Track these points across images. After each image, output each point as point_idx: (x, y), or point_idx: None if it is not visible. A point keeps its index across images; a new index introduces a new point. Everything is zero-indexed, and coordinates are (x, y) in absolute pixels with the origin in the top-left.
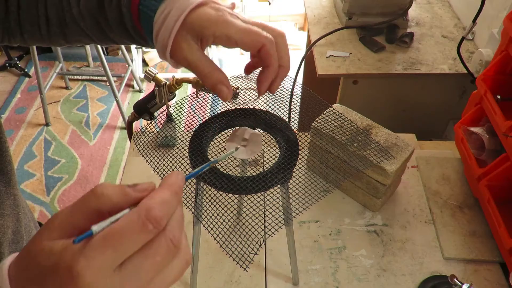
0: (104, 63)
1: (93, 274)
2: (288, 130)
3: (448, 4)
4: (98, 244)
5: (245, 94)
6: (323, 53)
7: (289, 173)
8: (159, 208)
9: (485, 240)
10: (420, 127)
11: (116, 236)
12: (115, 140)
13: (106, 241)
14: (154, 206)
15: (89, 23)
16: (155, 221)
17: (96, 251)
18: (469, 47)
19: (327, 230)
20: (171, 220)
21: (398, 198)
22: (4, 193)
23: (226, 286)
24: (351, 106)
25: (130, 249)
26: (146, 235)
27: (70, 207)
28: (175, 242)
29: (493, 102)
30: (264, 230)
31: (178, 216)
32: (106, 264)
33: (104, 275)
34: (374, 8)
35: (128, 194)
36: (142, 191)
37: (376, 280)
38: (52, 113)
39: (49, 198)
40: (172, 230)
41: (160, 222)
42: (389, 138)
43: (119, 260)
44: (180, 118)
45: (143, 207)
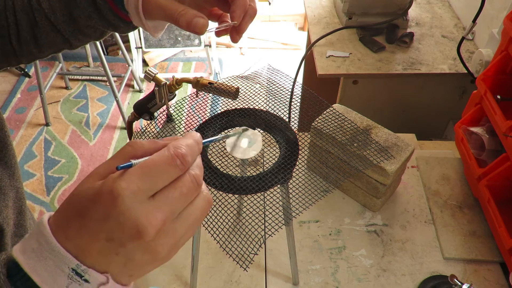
0: (104, 63)
1: (131, 197)
2: (288, 130)
3: (448, 4)
4: (136, 171)
5: (245, 94)
6: (323, 53)
7: (289, 173)
8: (185, 148)
9: (485, 240)
10: (420, 127)
11: (151, 165)
12: (115, 140)
13: (143, 169)
14: (181, 146)
15: (59, 16)
16: (182, 157)
17: (134, 177)
18: (469, 47)
19: (327, 230)
20: (194, 163)
21: (398, 198)
22: (8, 185)
23: (226, 286)
24: (351, 106)
25: (162, 179)
26: (174, 169)
27: (108, 159)
28: (198, 180)
29: (493, 102)
30: (264, 230)
31: (199, 162)
32: (143, 189)
33: (141, 200)
34: (374, 8)
35: (157, 142)
36: (169, 140)
37: (376, 280)
38: (52, 113)
39: (49, 198)
40: (195, 169)
41: (186, 158)
42: (389, 138)
43: (153, 188)
44: (180, 118)
45: (172, 145)
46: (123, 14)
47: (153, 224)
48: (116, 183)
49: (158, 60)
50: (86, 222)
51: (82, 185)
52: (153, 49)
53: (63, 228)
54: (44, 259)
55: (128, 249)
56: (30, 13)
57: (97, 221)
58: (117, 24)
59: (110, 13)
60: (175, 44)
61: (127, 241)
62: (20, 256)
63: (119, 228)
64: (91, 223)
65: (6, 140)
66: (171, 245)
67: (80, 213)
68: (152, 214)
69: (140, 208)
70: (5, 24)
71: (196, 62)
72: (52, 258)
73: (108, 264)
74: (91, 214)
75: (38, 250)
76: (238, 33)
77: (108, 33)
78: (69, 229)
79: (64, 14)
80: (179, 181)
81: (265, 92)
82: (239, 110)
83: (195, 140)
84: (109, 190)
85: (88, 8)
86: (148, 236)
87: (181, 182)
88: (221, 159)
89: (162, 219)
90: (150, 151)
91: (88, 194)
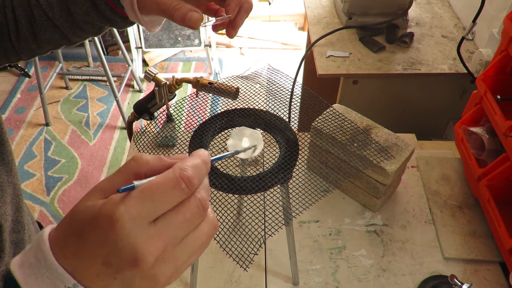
0: (104, 63)
1: (131, 223)
2: (288, 130)
3: (448, 4)
4: (137, 195)
5: (245, 94)
6: (323, 53)
7: (289, 173)
8: (191, 169)
9: (485, 240)
10: (420, 127)
11: (153, 188)
12: (115, 140)
13: (144, 193)
14: (187, 168)
15: (57, 12)
16: (187, 180)
17: (135, 201)
18: (469, 47)
19: (327, 230)
20: (201, 185)
21: (398, 198)
22: (6, 182)
23: (226, 286)
24: (351, 106)
25: (165, 204)
26: (179, 193)
27: (112, 174)
28: (204, 204)
29: (493, 102)
30: (264, 230)
31: (206, 184)
32: (143, 214)
33: (141, 226)
34: (374, 8)
35: (164, 160)
36: (175, 158)
37: (376, 280)
38: (52, 113)
39: (49, 198)
40: (201, 192)
41: (192, 181)
42: (389, 138)
43: (154, 213)
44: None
45: (178, 167)
46: (119, 9)
47: (152, 252)
48: (115, 208)
49: (158, 60)
50: (83, 244)
51: (85, 201)
52: (153, 49)
53: (61, 246)
54: (41, 276)
55: (126, 275)
56: (28, 9)
57: (94, 245)
58: (114, 20)
59: (106, 9)
60: (175, 44)
61: (125, 267)
62: (17, 271)
63: (117, 254)
64: (88, 245)
65: (3, 137)
66: (172, 272)
67: (78, 234)
68: (151, 241)
69: (139, 235)
70: (4, 21)
71: (196, 62)
72: (49, 275)
73: (106, 287)
74: (89, 237)
75: (35, 266)
76: (233, 28)
77: (106, 29)
78: (67, 249)
79: (61, 10)
80: (184, 206)
81: (265, 92)
82: (239, 110)
83: (203, 160)
84: (108, 214)
85: (85, 3)
86: (147, 264)
87: (185, 207)
88: (221, 159)
89: (162, 246)
90: (155, 169)
91: (87, 215)
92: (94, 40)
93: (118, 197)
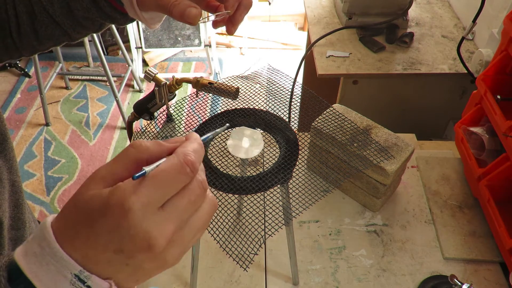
0: (104, 63)
1: (142, 210)
2: (288, 130)
3: (448, 4)
4: (146, 183)
5: (245, 94)
6: (323, 53)
7: (289, 173)
8: (193, 154)
9: (485, 240)
10: (420, 127)
11: (161, 175)
12: (115, 140)
13: (153, 181)
14: (190, 153)
15: (57, 8)
16: (191, 164)
17: (145, 188)
18: (469, 47)
19: (327, 230)
20: (199, 168)
21: (398, 198)
22: (6, 178)
23: (226, 286)
24: (351, 106)
25: (172, 188)
26: (184, 177)
27: (110, 161)
28: (204, 185)
29: (493, 102)
30: (264, 230)
31: (203, 166)
32: (153, 201)
33: (151, 212)
34: (374, 8)
35: (163, 144)
36: (174, 142)
37: (376, 280)
38: (52, 113)
39: (49, 198)
40: (201, 174)
41: (195, 165)
42: (389, 138)
43: (163, 199)
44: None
45: (181, 152)
46: (119, 6)
47: (164, 236)
48: (126, 197)
49: (158, 60)
50: (94, 233)
51: (87, 190)
52: (153, 49)
53: (69, 237)
54: (46, 264)
55: (138, 259)
56: (29, 6)
57: (106, 233)
58: (114, 16)
59: (106, 5)
60: (175, 44)
61: (137, 253)
62: (21, 260)
63: (130, 241)
64: (100, 234)
65: (6, 134)
66: (179, 253)
67: (87, 223)
68: (162, 226)
69: (151, 221)
70: (5, 17)
71: (196, 62)
72: (54, 263)
73: (116, 273)
74: (100, 226)
75: (40, 255)
76: (233, 24)
77: (107, 25)
78: (76, 239)
79: (62, 7)
80: (188, 189)
81: (265, 92)
82: (239, 110)
83: (199, 143)
84: (119, 203)
85: (85, 0)
86: (159, 248)
87: (189, 190)
88: (221, 159)
89: (173, 229)
90: (156, 155)
91: (95, 204)
92: (94, 40)
93: (128, 185)
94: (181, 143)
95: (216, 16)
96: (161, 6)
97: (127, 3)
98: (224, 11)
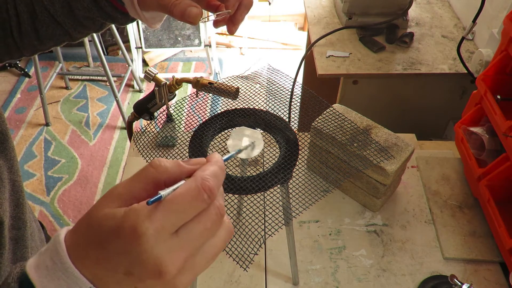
0: (104, 63)
1: (155, 236)
2: (288, 130)
3: (448, 4)
4: (162, 208)
5: (245, 94)
6: (323, 53)
7: (289, 173)
8: (212, 179)
9: (485, 240)
10: (420, 127)
11: (177, 201)
12: (115, 140)
13: (169, 206)
14: (208, 178)
15: (58, 8)
16: (209, 190)
17: (160, 213)
18: (469, 47)
19: (327, 230)
20: (218, 192)
21: (398, 198)
22: (6, 178)
23: (226, 286)
24: (351, 106)
25: (188, 214)
26: (201, 203)
27: (129, 179)
28: (221, 211)
29: (493, 102)
30: (264, 230)
31: (222, 190)
32: (167, 227)
33: (164, 238)
34: (374, 8)
35: (183, 166)
36: (194, 164)
37: (376, 280)
38: (52, 113)
39: (49, 198)
40: (219, 200)
41: (213, 192)
42: (389, 138)
43: (178, 224)
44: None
45: (199, 177)
46: (120, 5)
47: (175, 264)
48: (140, 221)
49: (158, 60)
50: (105, 254)
51: (103, 208)
52: (153, 49)
53: (80, 255)
54: (57, 278)
55: (147, 284)
56: (30, 5)
57: (117, 254)
58: (115, 16)
59: (107, 4)
60: (175, 44)
61: (147, 278)
62: (33, 273)
63: (140, 265)
64: (111, 256)
65: (6, 133)
66: (190, 279)
67: (99, 243)
68: (175, 253)
69: (163, 248)
70: (6, 17)
71: (196, 62)
72: (65, 278)
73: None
74: (112, 247)
75: (51, 269)
76: (234, 24)
77: (108, 25)
78: (87, 259)
79: (63, 6)
80: (204, 215)
81: (265, 92)
82: (239, 110)
83: (220, 166)
84: (132, 226)
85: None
86: (170, 275)
87: (206, 216)
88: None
89: (184, 257)
90: (174, 177)
91: (109, 225)
92: (94, 40)
93: (142, 209)
94: (201, 165)
95: (217, 16)
96: (162, 5)
97: (128, 3)
98: (224, 11)
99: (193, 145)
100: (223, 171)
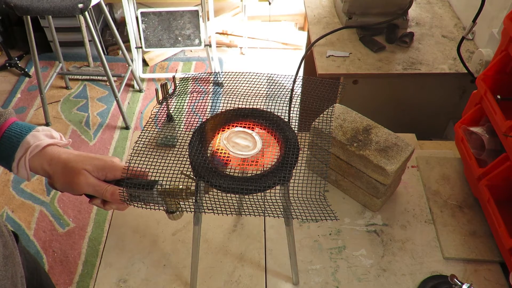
0: (104, 63)
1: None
2: (288, 130)
3: (448, 4)
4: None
5: (245, 94)
6: (323, 53)
7: (289, 173)
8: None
9: (485, 240)
10: (420, 127)
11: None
12: (115, 140)
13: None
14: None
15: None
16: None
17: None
18: (469, 47)
19: (327, 230)
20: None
21: (398, 198)
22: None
23: (226, 286)
24: (351, 106)
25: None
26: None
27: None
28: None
29: (493, 102)
30: (264, 230)
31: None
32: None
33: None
34: (374, 8)
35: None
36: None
37: (376, 280)
38: (52, 113)
39: (49, 198)
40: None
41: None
42: (389, 138)
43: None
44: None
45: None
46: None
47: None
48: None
49: (158, 60)
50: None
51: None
52: (153, 49)
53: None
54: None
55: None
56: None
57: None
58: None
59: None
60: (175, 44)
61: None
62: None
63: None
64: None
65: None
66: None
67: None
68: None
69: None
70: None
71: (196, 62)
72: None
73: None
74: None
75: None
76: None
77: None
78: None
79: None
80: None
81: (265, 92)
82: (239, 110)
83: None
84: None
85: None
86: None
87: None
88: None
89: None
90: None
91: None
92: (94, 40)
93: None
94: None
95: None
96: (97, 190)
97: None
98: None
99: (193, 145)
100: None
